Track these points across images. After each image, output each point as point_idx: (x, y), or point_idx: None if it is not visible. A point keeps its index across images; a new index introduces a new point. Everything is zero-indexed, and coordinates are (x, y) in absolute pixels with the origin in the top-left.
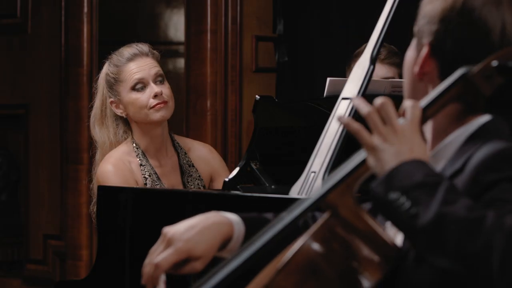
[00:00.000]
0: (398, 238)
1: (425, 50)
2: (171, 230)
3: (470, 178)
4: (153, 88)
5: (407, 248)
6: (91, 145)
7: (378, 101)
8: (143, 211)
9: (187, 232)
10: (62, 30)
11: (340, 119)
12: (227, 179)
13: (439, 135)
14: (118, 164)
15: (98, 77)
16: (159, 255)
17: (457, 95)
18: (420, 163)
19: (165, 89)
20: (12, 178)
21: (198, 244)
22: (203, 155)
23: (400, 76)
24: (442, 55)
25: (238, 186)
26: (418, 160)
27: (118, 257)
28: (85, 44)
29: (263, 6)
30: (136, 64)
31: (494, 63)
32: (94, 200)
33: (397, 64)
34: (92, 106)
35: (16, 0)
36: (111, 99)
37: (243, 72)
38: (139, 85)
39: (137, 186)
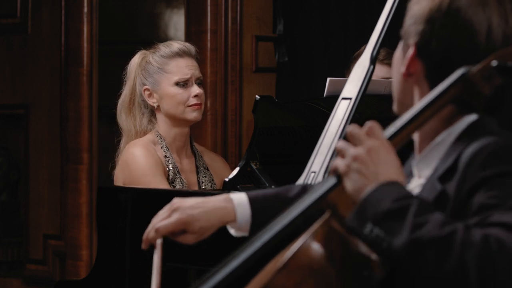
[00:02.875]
0: None
1: (411, 51)
2: (179, 201)
3: (461, 175)
4: (195, 88)
5: None
6: (91, 145)
7: (347, 131)
8: (143, 211)
9: (191, 208)
10: (62, 30)
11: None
12: (227, 179)
13: (428, 136)
14: (147, 147)
15: (129, 66)
16: (161, 221)
17: (456, 95)
18: (389, 186)
19: (202, 91)
20: (12, 178)
21: (197, 221)
22: (217, 164)
23: None
24: (428, 56)
25: (238, 186)
26: (387, 183)
27: (118, 257)
28: (85, 44)
29: (263, 6)
30: (185, 62)
31: (494, 63)
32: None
33: None
34: (119, 95)
35: (16, 0)
36: (146, 87)
37: (243, 72)
38: (183, 82)
39: (137, 186)
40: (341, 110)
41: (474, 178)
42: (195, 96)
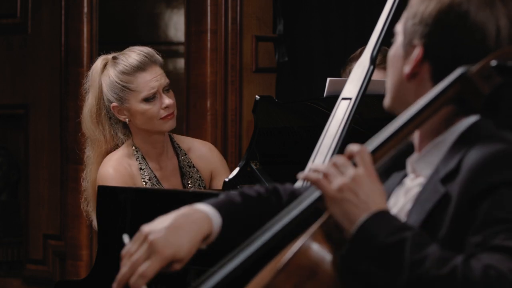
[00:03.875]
0: None
1: (417, 52)
2: (152, 233)
3: (466, 179)
4: (164, 99)
5: None
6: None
7: (332, 159)
8: (143, 211)
9: (169, 236)
10: (62, 30)
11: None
12: (227, 179)
13: (428, 135)
14: (118, 168)
15: (91, 72)
16: (142, 265)
17: (455, 94)
18: (381, 216)
19: (172, 99)
20: (12, 178)
21: (181, 247)
22: (203, 154)
23: None
24: (436, 58)
25: (238, 186)
26: (379, 212)
27: (118, 257)
28: (85, 44)
29: (263, 6)
30: (149, 75)
31: (493, 62)
32: (84, 197)
33: None
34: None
35: (16, 0)
36: (114, 104)
37: (243, 72)
38: (151, 97)
39: (137, 187)
40: (341, 110)
41: (480, 184)
42: (166, 107)
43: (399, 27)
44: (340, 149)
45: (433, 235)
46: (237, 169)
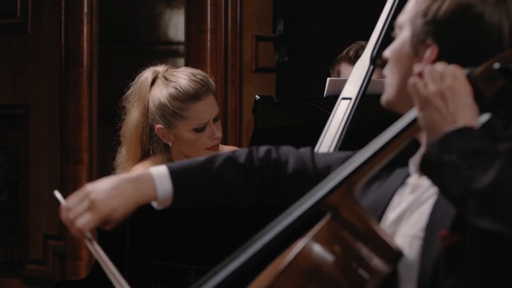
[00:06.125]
0: (399, 240)
1: (431, 52)
2: (94, 192)
3: None
4: (215, 131)
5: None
6: (91, 145)
7: (426, 68)
8: (143, 211)
9: (109, 198)
10: (62, 30)
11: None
12: None
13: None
14: (149, 164)
15: (138, 85)
16: (81, 217)
17: None
18: (476, 131)
19: (220, 130)
20: (12, 178)
21: (117, 210)
22: None
23: None
24: (451, 59)
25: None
26: (473, 127)
27: (118, 257)
28: (85, 44)
29: (263, 6)
30: (203, 105)
31: (496, 65)
32: None
33: None
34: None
35: (16, 0)
36: (160, 126)
37: (243, 72)
38: (202, 127)
39: None
40: (341, 110)
41: None
42: (214, 139)
43: (402, 21)
44: (340, 149)
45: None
46: None
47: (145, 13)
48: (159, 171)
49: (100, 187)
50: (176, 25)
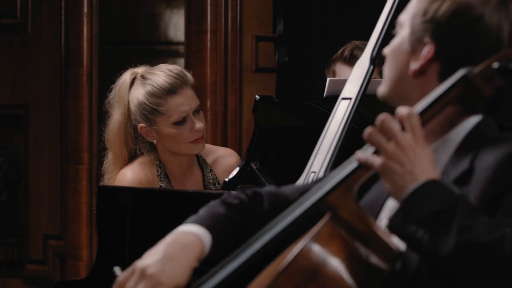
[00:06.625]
0: (396, 240)
1: (428, 50)
2: (149, 268)
3: (486, 179)
4: (194, 123)
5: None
6: (91, 145)
7: (378, 119)
8: (143, 211)
9: (167, 267)
10: (62, 30)
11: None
12: (227, 179)
13: (432, 136)
14: (136, 170)
15: (118, 87)
16: None
17: (457, 96)
18: (432, 185)
19: (202, 121)
20: (12, 178)
21: (180, 276)
22: (230, 167)
23: None
24: (447, 58)
25: (238, 187)
26: (430, 181)
27: (118, 257)
28: (85, 44)
29: (263, 6)
30: (180, 98)
31: (495, 64)
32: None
33: None
34: (99, 108)
35: (16, 0)
36: (142, 125)
37: (243, 72)
38: (181, 120)
39: (137, 186)
40: (341, 110)
41: (501, 184)
42: (195, 131)
43: (403, 19)
44: (340, 149)
45: None
46: (237, 169)
47: (145, 13)
48: (200, 230)
49: (152, 260)
50: (176, 25)
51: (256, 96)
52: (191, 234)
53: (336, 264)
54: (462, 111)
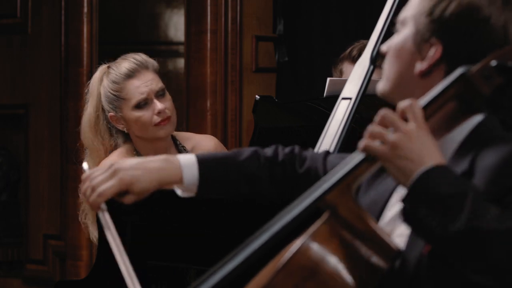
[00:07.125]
0: (396, 239)
1: (435, 51)
2: (117, 164)
3: (487, 180)
4: (157, 104)
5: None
6: None
7: (379, 114)
8: (143, 211)
9: (133, 169)
10: (62, 30)
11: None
12: None
13: (434, 135)
14: (117, 156)
15: (91, 82)
16: (103, 184)
17: (455, 94)
18: (442, 169)
19: (167, 103)
20: (12, 178)
21: (139, 182)
22: (210, 151)
23: None
24: (454, 59)
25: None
26: (439, 166)
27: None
28: (85, 44)
29: (263, 6)
30: (138, 81)
31: (493, 63)
32: (82, 209)
33: None
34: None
35: (16, 0)
36: (111, 113)
37: (243, 72)
38: (143, 103)
39: None
40: (341, 110)
41: (504, 185)
42: (158, 113)
43: (405, 17)
44: (340, 149)
45: None
46: None
47: (145, 13)
48: (187, 158)
49: (126, 161)
50: (176, 25)
51: (256, 96)
52: (176, 163)
53: (334, 262)
54: (462, 109)
